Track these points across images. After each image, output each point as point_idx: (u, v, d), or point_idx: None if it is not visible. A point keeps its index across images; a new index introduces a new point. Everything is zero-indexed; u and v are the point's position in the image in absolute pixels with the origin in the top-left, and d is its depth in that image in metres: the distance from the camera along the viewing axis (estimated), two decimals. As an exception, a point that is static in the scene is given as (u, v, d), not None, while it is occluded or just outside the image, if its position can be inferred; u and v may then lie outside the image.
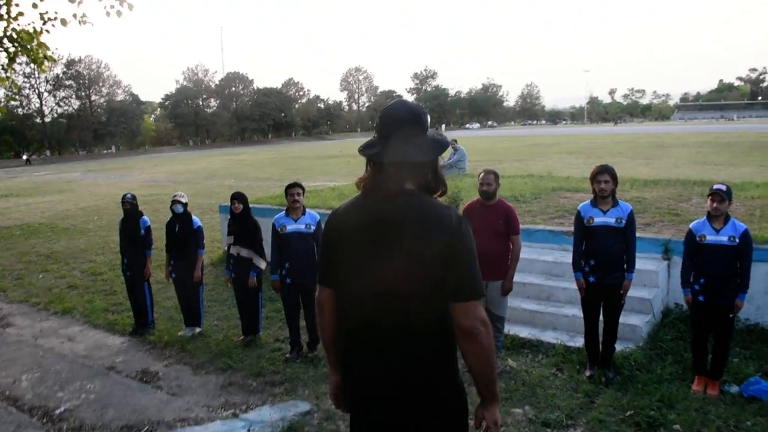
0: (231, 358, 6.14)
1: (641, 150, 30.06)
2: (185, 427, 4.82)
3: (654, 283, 6.38)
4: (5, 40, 8.00)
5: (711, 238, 4.81)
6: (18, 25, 7.99)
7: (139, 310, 7.17)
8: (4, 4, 7.76)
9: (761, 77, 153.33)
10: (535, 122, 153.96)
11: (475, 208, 5.51)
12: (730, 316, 4.88)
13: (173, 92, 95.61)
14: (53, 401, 5.34)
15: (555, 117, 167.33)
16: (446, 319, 2.03)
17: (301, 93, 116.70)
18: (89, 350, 6.68)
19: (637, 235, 5.31)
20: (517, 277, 5.61)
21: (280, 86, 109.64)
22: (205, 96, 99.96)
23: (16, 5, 7.89)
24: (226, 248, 6.89)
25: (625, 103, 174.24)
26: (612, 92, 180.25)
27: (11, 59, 8.29)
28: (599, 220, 5.11)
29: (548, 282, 6.86)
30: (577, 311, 5.95)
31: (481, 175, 5.50)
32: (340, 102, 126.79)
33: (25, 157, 66.57)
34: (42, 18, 7.97)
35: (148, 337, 6.89)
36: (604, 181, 5.05)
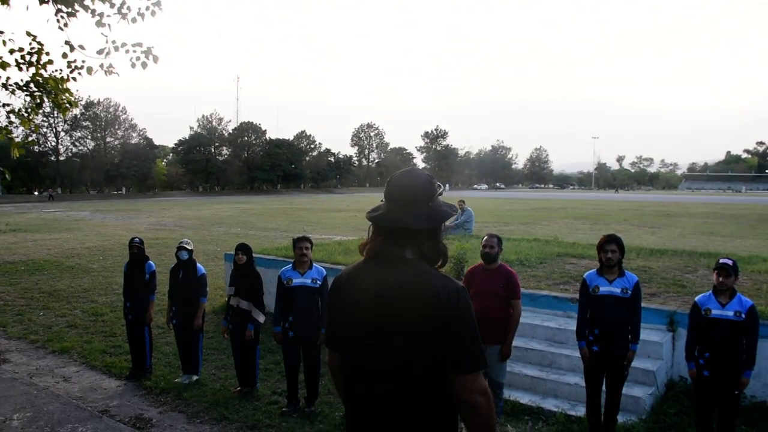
0: (227, 408, 6.05)
1: (648, 218, 30.14)
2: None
3: (658, 355, 6.30)
4: (32, 85, 8.18)
5: (716, 312, 4.77)
6: (45, 71, 8.18)
7: (138, 353, 7.13)
8: (35, 52, 7.98)
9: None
10: (542, 186, 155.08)
11: (476, 272, 5.56)
12: (736, 392, 4.80)
13: (187, 138, 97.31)
14: (44, 444, 5.26)
15: (563, 181, 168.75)
16: (446, 391, 1.99)
17: (312, 146, 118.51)
18: (84, 392, 6.61)
19: (642, 305, 5.29)
20: (520, 342, 5.57)
21: (291, 138, 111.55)
22: (217, 144, 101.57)
23: (47, 54, 8.10)
24: (227, 298, 6.89)
25: (632, 170, 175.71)
26: (620, 159, 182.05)
27: (38, 105, 8.46)
28: (605, 289, 5.11)
29: (551, 348, 6.78)
30: (579, 380, 5.86)
31: (484, 238, 5.57)
32: (351, 156, 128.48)
33: (38, 192, 67.39)
34: (69, 66, 8.16)
35: (145, 382, 6.82)
36: (611, 251, 5.08)
